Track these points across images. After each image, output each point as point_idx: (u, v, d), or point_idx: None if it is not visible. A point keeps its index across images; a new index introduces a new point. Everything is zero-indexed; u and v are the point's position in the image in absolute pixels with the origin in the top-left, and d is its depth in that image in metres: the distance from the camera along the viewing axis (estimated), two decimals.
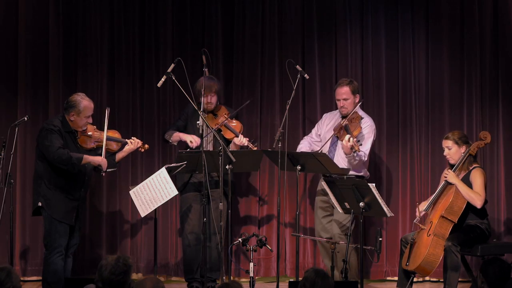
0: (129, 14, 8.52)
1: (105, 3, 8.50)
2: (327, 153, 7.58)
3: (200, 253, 7.73)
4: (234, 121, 7.75)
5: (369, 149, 7.60)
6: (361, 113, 7.69)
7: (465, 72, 8.32)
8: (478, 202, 7.11)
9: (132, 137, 7.38)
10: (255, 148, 7.57)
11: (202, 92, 7.46)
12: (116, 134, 7.33)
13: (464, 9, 8.32)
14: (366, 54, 8.45)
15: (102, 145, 7.08)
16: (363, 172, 7.67)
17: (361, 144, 7.45)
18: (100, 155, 7.07)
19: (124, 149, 7.32)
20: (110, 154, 7.23)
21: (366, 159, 7.59)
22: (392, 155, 8.40)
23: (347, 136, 7.34)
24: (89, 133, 7.11)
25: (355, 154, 7.41)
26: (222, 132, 7.67)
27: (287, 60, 7.79)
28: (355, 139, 7.31)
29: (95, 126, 7.16)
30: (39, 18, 8.46)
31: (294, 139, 8.34)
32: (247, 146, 7.58)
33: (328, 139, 7.65)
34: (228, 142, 7.68)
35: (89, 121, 7.06)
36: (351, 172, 7.58)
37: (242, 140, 7.60)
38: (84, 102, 7.02)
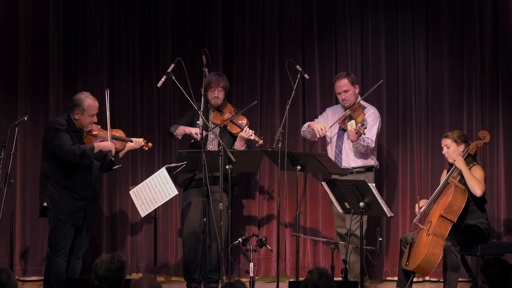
0: (129, 14, 8.52)
1: (105, 3, 8.50)
2: (334, 148, 7.63)
3: (199, 253, 7.73)
4: (240, 117, 7.76)
5: (375, 135, 7.62)
6: (363, 103, 7.71)
7: (465, 72, 8.32)
8: (478, 191, 7.11)
9: (136, 138, 7.41)
10: (262, 141, 7.58)
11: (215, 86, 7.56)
12: (120, 133, 7.35)
13: (464, 9, 8.32)
14: (366, 54, 8.45)
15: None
16: (373, 162, 7.69)
17: (365, 128, 7.47)
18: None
19: (127, 146, 7.33)
20: (115, 152, 7.23)
21: (373, 145, 7.60)
22: (392, 155, 8.41)
23: (352, 121, 7.36)
24: (94, 133, 7.12)
25: (361, 139, 7.43)
26: (228, 128, 7.69)
27: (287, 60, 7.78)
28: (359, 124, 7.33)
29: (99, 126, 7.17)
30: (39, 18, 8.46)
31: (294, 139, 8.34)
32: (254, 140, 7.59)
33: (334, 135, 7.69)
34: (234, 138, 7.69)
35: (94, 120, 7.05)
36: (360, 164, 7.62)
37: (248, 132, 7.59)
38: (88, 100, 7.02)
